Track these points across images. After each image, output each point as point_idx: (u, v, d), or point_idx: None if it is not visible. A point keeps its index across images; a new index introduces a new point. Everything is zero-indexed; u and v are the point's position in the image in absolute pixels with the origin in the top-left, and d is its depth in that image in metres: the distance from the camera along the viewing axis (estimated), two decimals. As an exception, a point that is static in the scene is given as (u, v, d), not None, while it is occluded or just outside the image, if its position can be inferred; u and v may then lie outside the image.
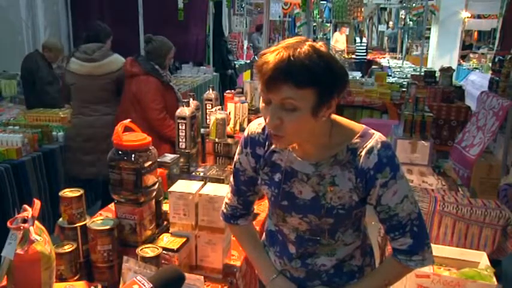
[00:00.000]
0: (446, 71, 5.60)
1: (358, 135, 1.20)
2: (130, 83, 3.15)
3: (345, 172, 1.19)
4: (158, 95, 3.11)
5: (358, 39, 12.28)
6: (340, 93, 1.11)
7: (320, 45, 1.09)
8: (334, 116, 1.22)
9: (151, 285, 1.06)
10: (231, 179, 1.40)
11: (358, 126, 1.23)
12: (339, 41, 13.03)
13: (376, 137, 1.19)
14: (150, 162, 1.50)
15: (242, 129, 2.43)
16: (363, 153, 1.17)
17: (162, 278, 1.11)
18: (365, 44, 12.32)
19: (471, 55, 11.33)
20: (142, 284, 1.06)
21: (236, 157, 1.35)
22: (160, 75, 3.15)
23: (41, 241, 1.22)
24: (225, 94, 2.78)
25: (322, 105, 1.08)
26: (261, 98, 1.12)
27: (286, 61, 1.03)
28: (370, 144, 1.18)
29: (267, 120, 1.11)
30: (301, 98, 1.05)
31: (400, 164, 1.20)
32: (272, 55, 1.06)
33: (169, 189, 1.50)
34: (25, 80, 4.64)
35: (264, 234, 1.48)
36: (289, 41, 1.09)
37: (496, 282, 2.22)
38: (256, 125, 1.31)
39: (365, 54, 11.95)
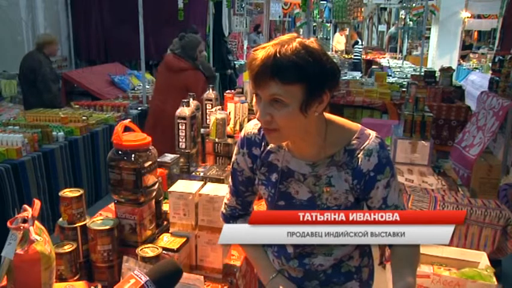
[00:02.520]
0: (446, 71, 5.60)
1: (355, 136, 1.20)
2: (180, 75, 3.66)
3: (341, 173, 1.19)
4: (205, 86, 3.53)
5: (359, 41, 12.27)
6: (331, 88, 1.12)
7: (311, 41, 1.09)
8: (329, 116, 1.22)
9: (148, 278, 1.06)
10: (230, 179, 1.40)
11: (354, 126, 1.23)
12: (340, 42, 13.04)
13: (373, 137, 1.20)
14: (150, 162, 1.50)
15: (242, 129, 2.44)
16: (360, 155, 1.18)
17: (159, 271, 1.11)
18: (361, 46, 12.32)
19: (471, 55, 11.34)
20: (139, 277, 1.07)
21: (234, 157, 1.36)
22: (201, 70, 3.74)
23: (41, 241, 1.22)
24: (225, 94, 2.78)
25: (311, 100, 1.09)
26: (253, 93, 1.14)
27: (272, 58, 1.04)
28: (368, 145, 1.18)
29: (257, 115, 1.13)
30: (288, 94, 1.06)
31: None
32: (262, 52, 1.07)
33: (169, 189, 1.50)
34: (25, 79, 4.63)
35: None
36: (281, 38, 1.10)
37: (496, 282, 2.23)
38: (253, 126, 1.31)
39: (360, 55, 11.96)
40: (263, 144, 1.28)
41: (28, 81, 4.56)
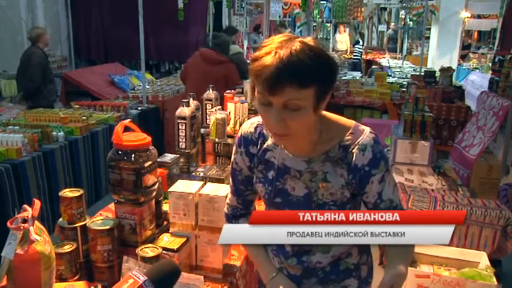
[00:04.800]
0: (446, 71, 5.59)
1: (349, 131, 1.21)
2: (219, 67, 4.32)
3: (336, 168, 1.20)
4: (238, 75, 4.35)
5: (360, 41, 12.28)
6: (334, 84, 1.13)
7: (309, 40, 1.09)
8: (324, 112, 1.23)
9: (146, 278, 1.06)
10: (230, 179, 1.40)
11: (348, 122, 1.25)
12: (342, 41, 13.03)
13: (367, 133, 1.21)
14: (150, 162, 1.50)
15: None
16: (355, 150, 1.19)
17: (158, 271, 1.12)
18: (362, 46, 12.33)
19: (471, 55, 11.34)
20: (137, 277, 1.07)
21: (232, 157, 1.37)
22: (235, 61, 4.46)
23: (41, 241, 1.22)
24: (225, 94, 2.78)
25: (321, 99, 1.10)
26: (258, 99, 1.11)
27: (287, 62, 1.03)
28: (362, 140, 1.19)
29: (270, 122, 1.11)
30: (303, 98, 1.06)
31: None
32: (269, 57, 1.05)
33: (169, 189, 1.50)
34: (20, 73, 4.78)
35: None
36: (278, 39, 1.08)
37: (496, 282, 2.23)
38: (249, 125, 1.32)
39: (360, 55, 11.97)
40: (259, 142, 1.29)
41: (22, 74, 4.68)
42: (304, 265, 1.32)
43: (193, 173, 2.00)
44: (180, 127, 2.12)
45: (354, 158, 1.18)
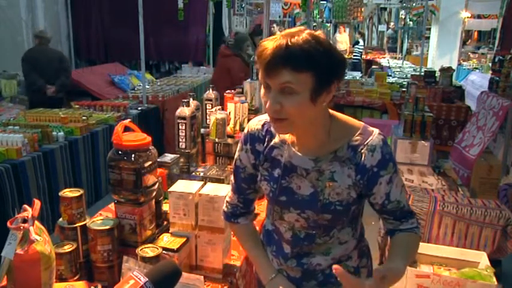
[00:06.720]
0: (446, 71, 5.60)
1: (358, 132, 1.21)
2: (226, 59, 4.93)
3: (344, 168, 1.20)
4: (241, 68, 4.72)
5: (361, 41, 12.28)
6: (339, 78, 1.13)
7: (319, 33, 1.11)
8: (333, 112, 1.24)
9: (147, 279, 1.06)
10: (232, 177, 1.40)
11: (357, 123, 1.25)
12: (342, 41, 13.03)
13: (376, 134, 1.21)
14: (150, 162, 1.50)
15: (242, 129, 2.45)
16: (364, 151, 1.19)
17: (158, 272, 1.11)
18: (362, 46, 12.32)
19: (471, 55, 11.35)
20: (138, 278, 1.07)
21: (236, 154, 1.36)
22: (242, 56, 4.90)
23: (41, 241, 1.22)
24: (225, 94, 2.78)
25: (321, 89, 1.10)
26: (261, 84, 1.14)
27: (284, 46, 1.06)
28: (371, 141, 1.19)
29: (267, 105, 1.13)
30: (299, 82, 1.07)
31: None
32: (271, 42, 1.09)
33: (169, 189, 1.50)
34: (45, 68, 4.97)
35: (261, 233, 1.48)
36: (289, 30, 1.12)
37: (496, 282, 2.23)
38: (256, 122, 1.32)
39: (360, 55, 11.95)
40: (266, 139, 1.29)
41: (48, 70, 4.81)
42: (304, 267, 1.31)
43: (193, 173, 2.00)
44: (180, 127, 2.12)
45: (362, 159, 1.18)
